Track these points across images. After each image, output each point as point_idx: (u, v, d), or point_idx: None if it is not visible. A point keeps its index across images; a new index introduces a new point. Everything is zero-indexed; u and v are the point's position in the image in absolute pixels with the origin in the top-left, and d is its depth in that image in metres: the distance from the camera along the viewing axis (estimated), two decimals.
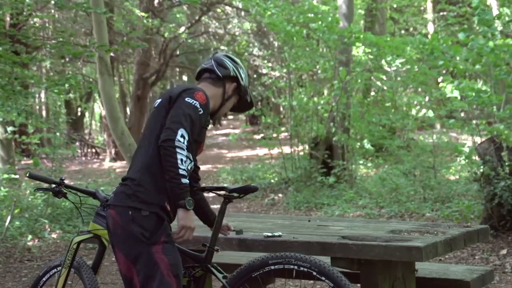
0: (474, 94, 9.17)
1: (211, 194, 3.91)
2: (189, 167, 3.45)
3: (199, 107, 3.38)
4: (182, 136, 3.27)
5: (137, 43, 16.16)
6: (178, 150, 3.25)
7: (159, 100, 3.56)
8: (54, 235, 9.74)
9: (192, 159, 3.48)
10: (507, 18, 9.63)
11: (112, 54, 17.27)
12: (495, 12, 12.62)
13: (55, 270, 4.11)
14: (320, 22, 13.31)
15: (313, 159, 13.98)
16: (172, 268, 3.33)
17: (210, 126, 3.88)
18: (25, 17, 14.61)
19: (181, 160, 3.26)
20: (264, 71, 21.86)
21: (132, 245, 3.35)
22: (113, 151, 24.11)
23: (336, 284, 3.43)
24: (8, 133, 13.84)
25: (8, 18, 15.08)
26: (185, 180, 3.28)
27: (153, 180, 3.38)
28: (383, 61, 14.09)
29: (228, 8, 25.25)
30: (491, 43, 8.48)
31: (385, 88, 16.40)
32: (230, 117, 50.27)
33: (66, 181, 4.13)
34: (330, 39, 13.34)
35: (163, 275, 3.31)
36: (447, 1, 19.14)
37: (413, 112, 15.96)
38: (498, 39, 9.05)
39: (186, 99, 3.38)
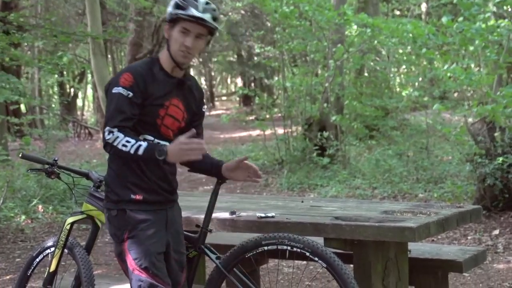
0: (465, 75, 9.15)
1: (204, 175, 3.91)
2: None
3: (123, 92, 3.28)
4: (110, 132, 3.24)
5: (126, 32, 15.98)
6: (114, 143, 3.22)
7: None
8: (47, 216, 9.74)
9: (154, 137, 3.39)
10: None
11: None
12: None
13: (48, 250, 4.11)
14: (310, 4, 13.16)
15: (307, 140, 13.97)
16: (136, 261, 3.34)
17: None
18: None
19: (123, 145, 3.21)
20: (257, 51, 21.70)
21: (114, 244, 3.46)
22: None
23: (329, 264, 3.44)
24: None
25: None
26: (141, 150, 3.20)
27: (114, 178, 3.41)
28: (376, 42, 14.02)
29: None
30: (477, 25, 8.44)
31: (378, 68, 16.37)
32: (223, 98, 50.10)
33: (59, 162, 4.12)
34: (322, 20, 13.25)
35: (131, 270, 3.36)
36: None
37: (406, 92, 15.94)
38: (490, 21, 9.01)
39: (112, 90, 3.31)
